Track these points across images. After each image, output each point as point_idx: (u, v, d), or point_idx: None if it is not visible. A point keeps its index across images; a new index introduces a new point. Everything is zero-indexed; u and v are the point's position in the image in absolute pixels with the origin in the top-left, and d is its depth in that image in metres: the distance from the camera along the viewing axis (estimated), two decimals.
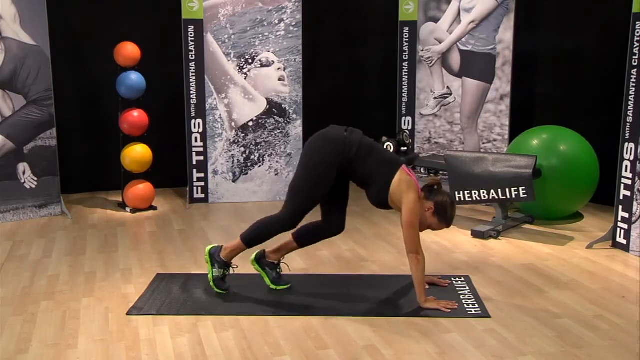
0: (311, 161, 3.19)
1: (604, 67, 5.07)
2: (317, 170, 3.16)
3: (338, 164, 3.15)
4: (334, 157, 3.15)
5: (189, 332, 2.91)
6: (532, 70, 5.43)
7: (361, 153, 3.16)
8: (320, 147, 3.20)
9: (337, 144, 3.17)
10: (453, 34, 5.19)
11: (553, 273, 3.68)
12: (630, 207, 3.96)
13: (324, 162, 3.15)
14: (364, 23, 6.02)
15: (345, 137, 3.18)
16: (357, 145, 3.16)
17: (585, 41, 5.16)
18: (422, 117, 5.38)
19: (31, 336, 2.86)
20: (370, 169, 3.17)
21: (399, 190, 3.12)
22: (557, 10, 5.30)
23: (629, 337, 2.86)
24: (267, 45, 5.23)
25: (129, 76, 4.93)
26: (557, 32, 5.30)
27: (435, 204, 3.17)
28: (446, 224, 3.22)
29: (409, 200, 3.09)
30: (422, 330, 2.92)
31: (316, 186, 3.17)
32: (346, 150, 3.15)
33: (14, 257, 3.96)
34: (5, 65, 4.63)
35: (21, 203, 4.80)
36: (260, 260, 3.42)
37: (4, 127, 4.68)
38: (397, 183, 3.13)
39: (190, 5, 5.09)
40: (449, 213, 3.20)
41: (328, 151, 3.16)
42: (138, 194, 5.04)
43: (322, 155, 3.17)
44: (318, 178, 3.16)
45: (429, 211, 3.18)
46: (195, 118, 5.23)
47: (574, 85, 5.28)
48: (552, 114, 5.19)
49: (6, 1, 4.56)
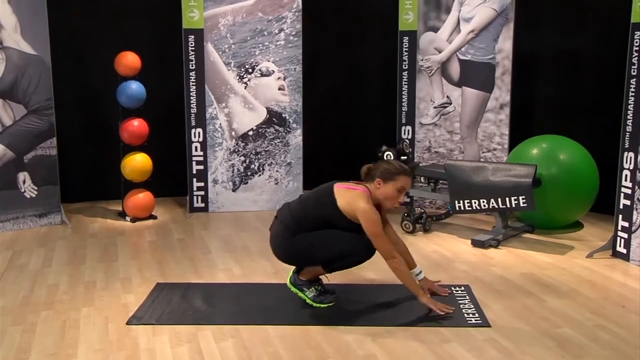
0: (301, 249, 3.19)
1: (603, 76, 5.08)
2: (309, 244, 3.17)
3: (303, 233, 3.15)
4: (294, 235, 3.16)
5: (188, 342, 2.91)
6: (532, 80, 5.45)
7: (297, 216, 3.18)
8: (284, 244, 3.20)
9: (284, 232, 3.18)
10: (452, 43, 5.22)
11: (553, 282, 3.69)
12: (630, 216, 3.96)
13: (302, 243, 3.16)
14: (363, 32, 6.05)
15: (280, 222, 3.22)
16: (291, 215, 3.19)
17: (584, 48, 5.18)
18: (422, 126, 5.40)
19: (31, 346, 2.86)
20: (315, 214, 3.16)
21: (349, 207, 3.10)
22: (555, 16, 5.33)
23: (630, 346, 2.86)
24: (267, 55, 5.26)
25: (130, 85, 4.95)
26: (557, 37, 5.31)
27: (380, 177, 3.13)
28: (404, 178, 3.14)
29: (360, 210, 3.06)
30: (422, 339, 2.92)
31: (325, 240, 3.17)
32: (291, 227, 3.17)
33: (13, 267, 3.97)
34: (5, 74, 4.65)
35: (21, 212, 4.81)
36: (294, 282, 3.33)
37: (4, 136, 4.70)
38: (342, 202, 3.11)
39: (190, 15, 5.13)
40: (394, 169, 3.14)
41: (289, 239, 3.17)
42: (138, 203, 5.05)
43: (293, 245, 3.18)
44: (317, 241, 3.16)
45: (381, 187, 3.13)
46: (196, 127, 5.25)
47: (574, 95, 5.29)
48: (552, 123, 5.20)
49: (7, 11, 4.60)
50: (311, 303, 3.27)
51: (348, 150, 5.97)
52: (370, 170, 3.20)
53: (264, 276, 3.80)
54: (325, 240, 3.16)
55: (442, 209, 5.24)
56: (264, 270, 3.90)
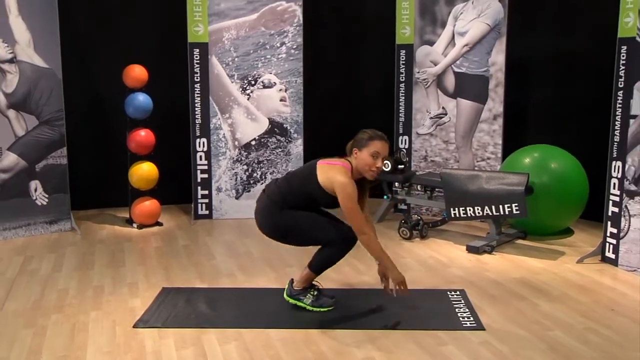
0: (284, 228, 3.20)
1: (591, 91, 5.10)
2: (293, 225, 3.17)
3: (288, 210, 3.16)
4: (280, 212, 3.16)
5: (193, 345, 2.90)
6: (525, 92, 5.46)
7: (283, 192, 3.18)
8: (270, 219, 3.21)
9: (271, 207, 3.19)
10: (448, 56, 5.24)
11: (545, 287, 3.69)
12: (618, 223, 3.97)
13: (286, 222, 3.17)
14: (362, 45, 6.08)
15: (267, 197, 3.22)
16: (278, 191, 3.20)
17: (575, 61, 5.21)
18: (418, 136, 5.41)
19: (41, 348, 2.86)
20: (299, 190, 3.16)
21: (328, 181, 3.07)
22: (548, 28, 5.35)
23: (619, 348, 2.86)
24: (269, 68, 5.28)
25: (137, 97, 4.96)
26: (549, 51, 5.34)
27: (355, 147, 3.12)
28: (375, 142, 3.10)
29: (337, 183, 3.04)
30: (419, 342, 2.92)
31: (310, 225, 3.18)
32: (277, 202, 3.18)
33: (25, 272, 3.97)
34: (19, 87, 4.67)
35: (32, 219, 4.82)
36: (290, 294, 3.32)
37: (17, 146, 4.71)
38: (322, 177, 3.09)
39: (195, 29, 5.15)
40: (367, 135, 3.12)
41: (276, 214, 3.17)
42: (144, 211, 5.06)
43: (278, 222, 3.19)
44: (302, 223, 3.17)
45: (357, 156, 3.12)
46: (200, 137, 5.27)
47: (565, 107, 5.31)
48: (544, 134, 5.21)
49: (22, 27, 4.62)
50: (311, 309, 3.27)
51: None
52: (350, 144, 3.19)
53: (266, 281, 3.79)
54: (309, 225, 3.16)
55: (438, 216, 5.24)
56: (266, 275, 3.90)
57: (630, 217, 3.88)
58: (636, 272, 3.87)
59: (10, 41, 4.59)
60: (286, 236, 3.24)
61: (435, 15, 5.23)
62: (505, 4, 4.98)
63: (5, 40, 4.56)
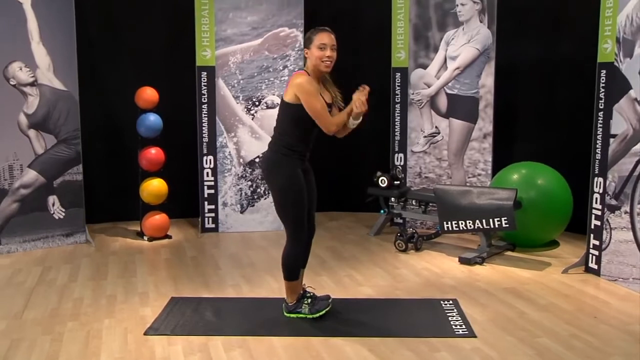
0: (275, 187, 3.17)
1: (576, 109, 5.14)
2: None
3: (288, 162, 3.12)
4: (279, 166, 3.12)
5: (200, 351, 2.91)
6: (512, 111, 5.50)
7: (276, 128, 3.16)
8: (269, 176, 3.19)
9: (270, 148, 3.17)
10: (440, 79, 5.27)
11: (532, 296, 3.70)
12: (600, 235, 3.98)
13: (281, 181, 3.13)
14: (359, 68, 6.12)
15: (269, 149, 3.18)
16: (274, 140, 3.17)
17: (560, 86, 5.26)
18: (413, 153, 5.43)
19: (58, 354, 2.88)
20: (283, 120, 3.14)
21: (291, 93, 3.03)
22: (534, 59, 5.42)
23: (601, 354, 2.88)
24: (272, 89, 5.33)
25: (148, 117, 5.00)
26: (535, 82, 5.40)
27: (305, 48, 3.10)
28: (318, 35, 3.04)
29: (296, 86, 2.99)
30: (414, 349, 2.93)
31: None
32: (274, 137, 3.15)
33: (43, 281, 3.99)
34: (39, 108, 4.72)
35: (50, 232, 4.85)
36: (288, 310, 3.32)
37: (37, 163, 4.75)
38: (287, 96, 3.07)
39: (203, 54, 5.22)
40: (309, 32, 3.08)
41: (275, 170, 3.14)
42: (155, 224, 5.07)
43: (273, 184, 3.16)
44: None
45: (308, 54, 3.07)
46: (207, 155, 5.30)
47: (551, 128, 5.33)
48: (531, 152, 5.23)
49: (42, 52, 4.68)
50: (311, 317, 3.27)
51: (346, 176, 6.00)
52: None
53: (269, 291, 3.80)
54: (292, 199, 3.13)
55: (432, 229, 5.24)
56: (269, 286, 3.91)
57: (612, 230, 3.91)
58: (617, 282, 3.88)
59: (32, 66, 4.66)
60: (272, 190, 3.21)
61: (429, 41, 5.28)
62: (494, 30, 5.05)
63: (27, 65, 4.63)
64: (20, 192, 4.71)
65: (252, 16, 5.24)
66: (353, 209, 6.06)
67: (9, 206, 4.67)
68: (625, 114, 3.78)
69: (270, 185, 3.24)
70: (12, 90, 4.61)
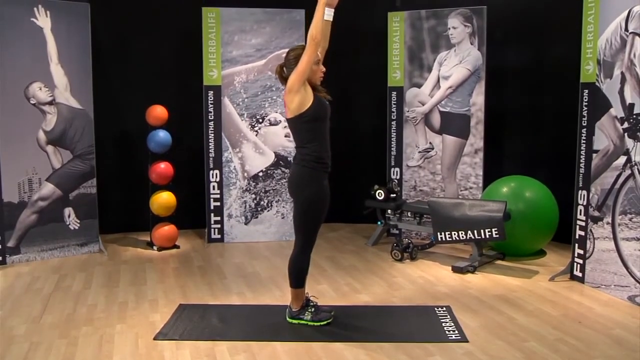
0: (299, 200, 3.17)
1: (560, 126, 5.17)
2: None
3: (312, 175, 3.14)
4: (308, 180, 3.14)
5: (207, 356, 2.92)
6: (501, 128, 5.53)
7: (300, 149, 3.19)
8: (295, 190, 3.20)
9: (294, 166, 3.20)
10: (434, 97, 5.29)
11: (521, 302, 3.70)
12: (584, 245, 4.00)
13: (306, 194, 3.15)
14: (358, 87, 6.16)
15: (294, 163, 3.21)
16: (298, 153, 3.21)
17: (544, 105, 5.30)
18: (408, 168, 5.45)
19: (74, 357, 2.90)
20: (299, 137, 3.19)
21: (289, 99, 3.06)
22: (521, 78, 5.48)
23: (586, 356, 2.89)
24: (275, 107, 5.36)
25: (158, 134, 5.02)
26: (524, 96, 5.44)
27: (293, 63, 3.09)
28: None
29: (289, 81, 3.00)
30: (409, 353, 2.94)
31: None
32: (296, 157, 3.19)
33: (59, 288, 4.01)
34: (57, 125, 4.77)
35: (66, 242, 4.87)
36: (291, 316, 3.33)
37: (54, 177, 4.79)
38: (289, 112, 3.10)
39: (210, 74, 5.26)
40: (300, 48, 3.07)
41: (302, 184, 3.16)
42: (164, 235, 5.07)
43: (299, 191, 3.16)
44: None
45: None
46: (213, 169, 5.31)
47: (537, 142, 5.36)
48: (519, 166, 5.26)
49: (60, 73, 4.74)
50: (313, 324, 3.27)
51: (344, 189, 6.00)
52: (282, 69, 3.16)
53: (272, 299, 3.80)
54: (310, 217, 3.15)
55: (426, 239, 5.23)
56: (272, 293, 3.91)
57: (595, 240, 3.93)
58: (600, 289, 3.89)
59: (50, 86, 4.72)
60: (296, 201, 3.20)
61: (422, 61, 5.32)
62: (484, 52, 5.12)
63: (46, 85, 4.69)
64: (39, 204, 4.75)
65: (257, 39, 5.29)
66: (351, 220, 6.07)
67: (28, 217, 4.70)
68: (607, 131, 3.83)
69: (295, 197, 3.21)
70: (32, 108, 4.66)
